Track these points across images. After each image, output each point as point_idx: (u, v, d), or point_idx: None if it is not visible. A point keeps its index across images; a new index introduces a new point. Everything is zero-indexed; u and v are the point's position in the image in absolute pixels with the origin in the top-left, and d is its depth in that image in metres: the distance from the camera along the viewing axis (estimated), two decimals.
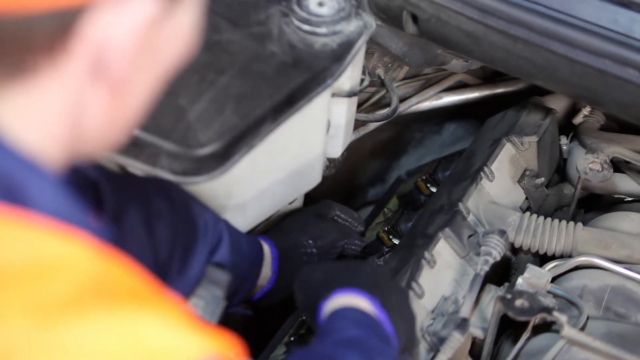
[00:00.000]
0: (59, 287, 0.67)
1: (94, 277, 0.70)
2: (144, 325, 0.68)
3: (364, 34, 1.38)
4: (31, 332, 0.64)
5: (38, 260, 0.68)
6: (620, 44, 1.29)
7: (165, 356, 0.67)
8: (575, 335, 1.33)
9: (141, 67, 0.77)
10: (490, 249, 1.44)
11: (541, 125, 1.75)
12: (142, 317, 0.69)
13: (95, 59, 0.73)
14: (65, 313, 0.65)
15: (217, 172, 1.23)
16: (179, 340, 0.69)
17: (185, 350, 0.68)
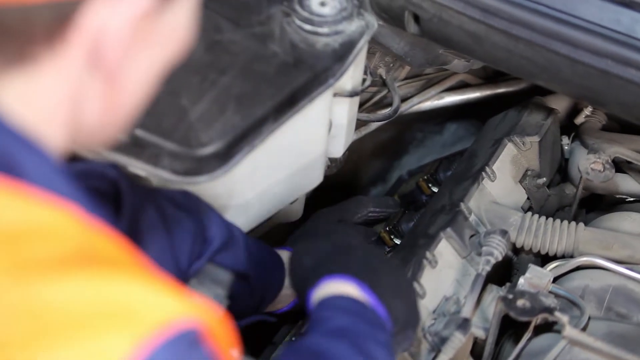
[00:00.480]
0: (42, 250, 0.69)
1: (78, 244, 0.72)
2: (123, 287, 0.69)
3: (366, 33, 1.38)
4: (10, 287, 0.66)
5: (25, 225, 0.70)
6: (622, 44, 1.29)
7: (142, 313, 0.68)
8: (576, 335, 1.33)
9: (137, 60, 0.79)
10: (492, 249, 1.44)
11: (543, 125, 1.75)
12: (122, 280, 0.70)
13: (92, 50, 0.74)
14: (45, 273, 0.67)
15: (218, 172, 1.23)
16: (157, 301, 0.69)
17: (163, 309, 0.69)
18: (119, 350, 0.65)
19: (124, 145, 1.22)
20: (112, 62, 0.75)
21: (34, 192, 0.72)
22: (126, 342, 0.65)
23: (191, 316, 0.70)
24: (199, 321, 0.70)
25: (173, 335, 0.67)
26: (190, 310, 0.70)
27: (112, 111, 0.81)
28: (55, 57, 0.74)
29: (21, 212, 0.71)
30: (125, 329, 0.66)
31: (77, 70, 0.75)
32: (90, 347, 0.64)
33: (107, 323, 0.66)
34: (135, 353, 0.65)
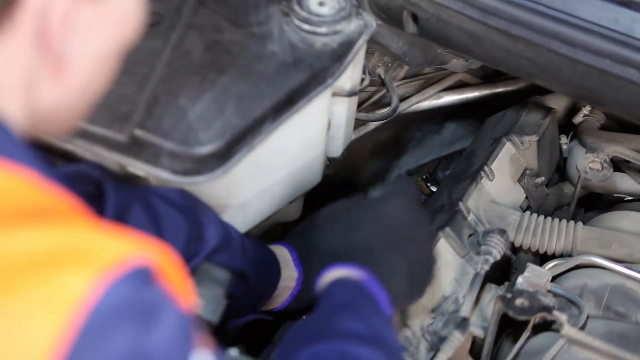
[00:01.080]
0: None
1: (33, 201, 0.74)
2: (75, 233, 0.72)
3: (365, 33, 1.38)
4: None
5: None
6: (621, 44, 1.29)
7: (95, 253, 0.70)
8: (575, 334, 1.33)
9: (84, 43, 0.81)
10: (491, 248, 1.44)
11: (541, 125, 1.75)
12: (74, 228, 0.72)
13: (37, 29, 0.77)
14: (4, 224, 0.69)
15: (217, 172, 1.23)
16: (109, 242, 0.72)
17: (115, 248, 0.71)
18: (76, 287, 0.67)
19: (123, 145, 1.22)
20: (56, 42, 0.78)
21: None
22: (83, 280, 0.67)
23: (144, 255, 0.72)
24: (151, 260, 0.72)
25: (127, 271, 0.69)
26: (142, 249, 0.72)
27: (64, 95, 0.84)
28: (4, 37, 0.76)
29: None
30: (81, 268, 0.68)
31: (26, 50, 0.78)
32: (48, 288, 0.66)
33: (62, 264, 0.68)
34: (92, 289, 0.67)
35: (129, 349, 0.67)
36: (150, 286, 0.72)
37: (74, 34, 0.80)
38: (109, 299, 0.67)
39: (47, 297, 0.66)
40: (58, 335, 0.65)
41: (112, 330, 0.67)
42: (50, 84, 0.82)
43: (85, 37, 0.81)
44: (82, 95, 0.86)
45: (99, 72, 0.86)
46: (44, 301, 0.66)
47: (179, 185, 1.28)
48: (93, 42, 0.83)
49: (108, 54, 0.86)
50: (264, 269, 1.43)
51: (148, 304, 0.70)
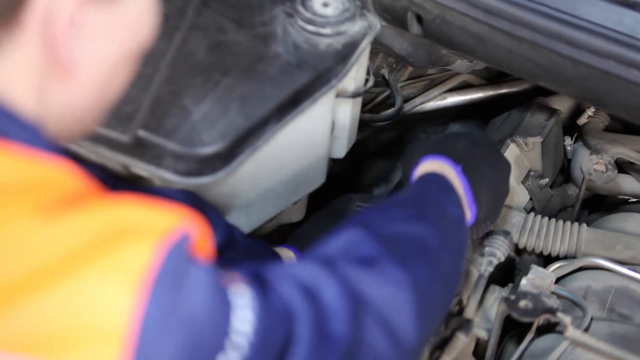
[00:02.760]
0: (51, 195, 0.77)
1: (75, 188, 0.80)
2: (125, 211, 0.78)
3: (369, 34, 1.38)
4: (36, 228, 0.74)
5: (29, 179, 0.78)
6: (625, 45, 1.29)
7: (149, 226, 0.76)
8: (579, 336, 1.33)
9: (92, 48, 0.82)
10: (495, 250, 1.44)
11: (545, 126, 1.75)
12: (122, 207, 0.78)
13: (44, 33, 0.77)
14: (61, 211, 0.75)
15: (221, 173, 1.23)
16: (156, 215, 0.78)
17: (163, 221, 0.77)
18: (142, 256, 0.73)
19: (126, 145, 1.22)
20: (63, 47, 0.79)
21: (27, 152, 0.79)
22: (146, 250, 0.74)
23: (182, 223, 0.78)
24: (188, 227, 0.78)
25: (176, 240, 0.76)
26: (180, 219, 0.78)
27: (75, 99, 0.84)
28: (15, 42, 0.77)
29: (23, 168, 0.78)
30: (141, 240, 0.74)
31: (35, 54, 0.79)
32: (119, 260, 0.73)
33: (125, 239, 0.74)
34: (154, 258, 0.73)
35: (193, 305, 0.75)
36: (192, 252, 0.78)
37: (80, 38, 0.80)
38: (169, 265, 0.74)
39: (117, 268, 0.73)
40: (132, 302, 0.71)
41: (177, 292, 0.74)
42: (59, 89, 0.82)
43: (93, 41, 0.81)
44: (95, 100, 0.87)
45: (112, 77, 0.86)
46: (115, 272, 0.72)
47: (183, 186, 1.28)
48: (102, 47, 0.83)
49: (120, 58, 0.86)
50: None
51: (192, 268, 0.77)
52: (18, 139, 0.79)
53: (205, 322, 0.76)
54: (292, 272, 0.92)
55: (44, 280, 0.71)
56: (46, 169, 0.79)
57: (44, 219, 0.74)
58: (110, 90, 0.88)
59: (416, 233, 1.08)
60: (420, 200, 1.17)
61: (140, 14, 0.86)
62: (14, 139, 0.78)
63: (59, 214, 0.74)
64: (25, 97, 0.80)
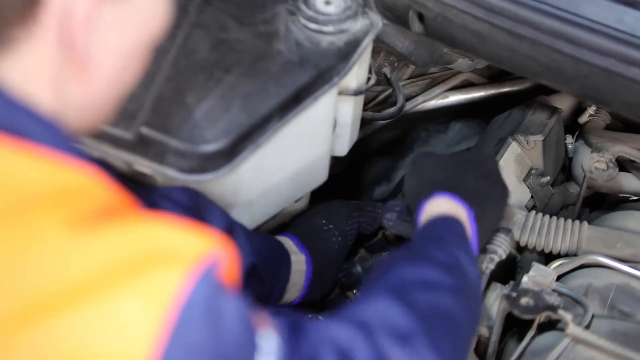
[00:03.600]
0: (82, 207, 0.76)
1: (105, 200, 0.80)
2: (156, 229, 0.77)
3: (371, 32, 1.38)
4: (69, 244, 0.73)
5: (59, 187, 0.77)
6: (626, 44, 1.29)
7: (179, 252, 0.75)
8: (580, 333, 1.33)
9: (107, 41, 0.82)
10: (496, 248, 1.44)
11: (547, 124, 1.75)
12: (152, 224, 0.77)
13: (61, 29, 0.77)
14: (93, 226, 0.74)
15: (223, 170, 1.24)
16: (186, 239, 0.77)
17: (194, 246, 0.76)
18: (170, 284, 0.72)
19: (129, 142, 1.22)
20: (79, 42, 0.78)
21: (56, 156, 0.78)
22: (176, 277, 0.73)
23: (214, 249, 0.77)
24: (219, 253, 0.77)
25: (206, 267, 0.75)
26: (211, 244, 0.77)
27: (91, 93, 0.84)
28: (32, 38, 0.77)
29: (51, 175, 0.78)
30: (172, 266, 0.73)
31: (52, 50, 0.79)
32: (147, 286, 0.72)
33: (154, 263, 0.73)
34: (183, 286, 0.72)
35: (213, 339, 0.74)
36: (221, 279, 0.77)
37: (97, 33, 0.80)
38: (197, 295, 0.73)
39: (144, 294, 0.71)
40: (157, 329, 0.71)
41: (203, 324, 0.74)
42: (76, 84, 0.82)
43: (108, 36, 0.81)
44: (109, 94, 0.87)
45: (125, 70, 0.86)
46: (142, 298, 0.71)
47: (185, 183, 1.29)
48: (117, 41, 0.83)
49: (133, 51, 0.86)
50: (272, 257, 1.44)
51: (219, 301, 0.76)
52: (41, 140, 0.78)
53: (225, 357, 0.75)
54: (329, 331, 0.90)
55: (72, 299, 0.70)
56: (76, 176, 0.79)
57: (75, 233, 0.73)
58: (123, 82, 0.88)
59: (446, 306, 1.05)
60: (443, 255, 1.14)
61: (154, 6, 0.86)
62: (36, 139, 0.78)
63: (91, 229, 0.74)
64: (43, 93, 0.80)
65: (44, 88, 0.80)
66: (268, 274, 1.43)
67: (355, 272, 1.63)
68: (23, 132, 0.78)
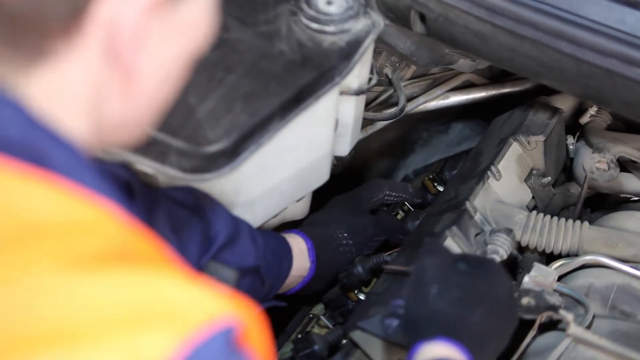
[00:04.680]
0: (87, 245, 0.71)
1: (118, 241, 0.74)
2: (163, 285, 0.70)
3: (372, 32, 1.38)
4: (60, 282, 0.67)
5: (67, 220, 0.72)
6: (627, 44, 1.29)
7: (183, 312, 0.68)
8: (581, 333, 1.33)
9: (154, 54, 0.78)
10: (497, 248, 1.45)
11: (548, 125, 1.75)
12: (162, 278, 0.71)
13: (107, 42, 0.74)
14: (92, 267, 0.69)
15: (225, 170, 1.24)
16: (197, 298, 0.70)
17: (203, 308, 0.69)
18: (161, 348, 0.65)
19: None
20: (126, 55, 0.75)
21: (69, 186, 0.74)
22: (168, 341, 0.66)
23: (230, 314, 0.70)
24: (237, 319, 0.71)
25: (212, 334, 0.68)
26: (228, 307, 0.71)
27: (133, 107, 0.81)
28: (73, 51, 0.74)
29: (59, 206, 0.73)
30: (167, 328, 0.67)
31: (95, 63, 0.75)
32: (133, 344, 0.65)
33: (150, 321, 0.67)
34: (177, 352, 0.66)
35: None
36: (235, 351, 0.70)
37: (144, 46, 0.76)
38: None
39: (126, 355, 0.65)
40: None
41: None
42: (119, 98, 0.79)
43: (155, 48, 0.78)
44: (150, 108, 0.83)
45: (169, 83, 0.83)
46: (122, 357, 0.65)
47: (187, 183, 1.29)
48: (164, 53, 0.80)
49: (177, 64, 0.83)
50: (276, 259, 1.45)
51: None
52: (58, 168, 0.74)
53: None
54: None
55: (49, 341, 0.65)
56: (89, 210, 0.74)
57: (71, 272, 0.68)
58: (165, 95, 0.84)
59: None
60: None
61: (199, 18, 0.83)
62: (57, 169, 0.74)
63: (92, 269, 0.69)
64: (78, 111, 0.77)
65: (78, 106, 0.77)
66: (269, 274, 1.43)
67: (355, 272, 1.63)
68: (40, 156, 0.74)
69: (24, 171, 0.72)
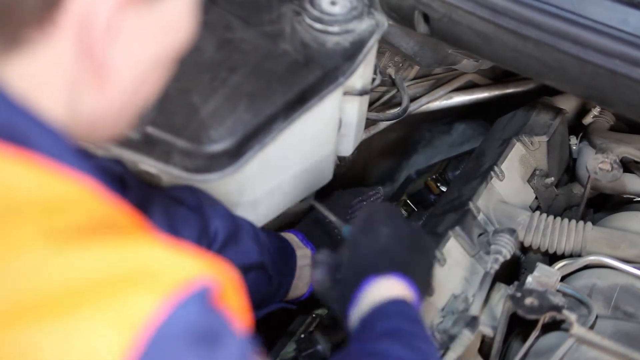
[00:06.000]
0: (70, 219, 0.73)
1: (98, 213, 0.76)
2: (142, 251, 0.73)
3: (376, 33, 1.38)
4: (46, 256, 0.69)
5: (49, 197, 0.74)
6: (630, 45, 1.30)
7: (162, 274, 0.71)
8: (584, 333, 1.33)
9: (129, 51, 0.79)
10: (501, 248, 1.45)
11: (551, 125, 1.75)
12: (140, 245, 0.73)
13: (80, 35, 0.75)
14: (75, 240, 0.71)
15: (229, 170, 1.24)
16: (174, 261, 0.73)
17: (181, 268, 0.72)
18: (142, 308, 0.68)
19: (135, 142, 1.23)
20: (99, 50, 0.76)
21: (50, 164, 0.75)
22: (150, 301, 0.68)
23: (207, 274, 0.73)
24: (214, 279, 0.73)
25: (192, 292, 0.70)
26: (205, 268, 0.73)
27: (108, 103, 0.82)
28: (48, 41, 0.75)
29: (41, 184, 0.74)
30: (147, 289, 0.69)
31: (69, 55, 0.76)
32: (115, 307, 0.68)
33: (130, 284, 0.69)
34: (159, 310, 0.68)
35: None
36: (213, 309, 0.72)
37: (117, 42, 0.77)
38: (174, 321, 0.69)
39: (113, 316, 0.67)
40: (122, 355, 0.66)
41: (175, 354, 0.69)
42: (92, 92, 0.80)
43: (130, 45, 0.78)
44: (125, 106, 0.84)
45: (147, 80, 0.84)
46: (110, 320, 0.67)
47: (191, 183, 1.29)
48: (139, 50, 0.80)
49: (156, 61, 0.83)
50: (278, 254, 1.45)
51: (211, 329, 0.71)
52: (39, 148, 0.75)
53: None
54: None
55: (36, 312, 0.67)
56: (70, 187, 0.75)
57: (55, 245, 0.70)
58: (142, 95, 0.85)
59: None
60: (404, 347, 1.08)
61: (178, 16, 0.83)
62: (37, 149, 0.75)
63: (74, 242, 0.71)
64: (54, 101, 0.78)
65: (55, 95, 0.78)
66: (274, 270, 1.44)
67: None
68: (22, 138, 0.75)
69: (6, 151, 0.73)
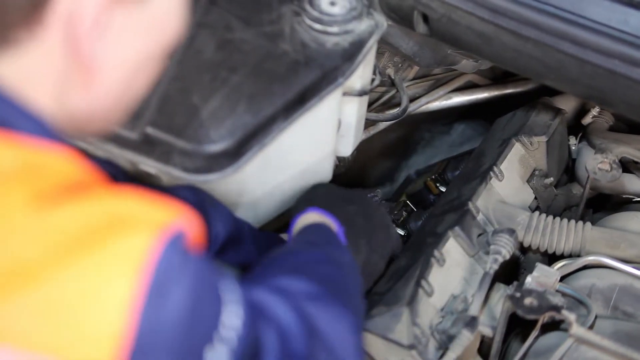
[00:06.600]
0: (50, 182, 0.76)
1: (74, 176, 0.80)
2: (124, 203, 0.78)
3: (375, 33, 1.38)
4: (32, 215, 0.73)
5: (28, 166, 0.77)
6: (630, 45, 1.30)
7: (147, 219, 0.76)
8: (583, 333, 1.33)
9: (116, 49, 0.81)
10: (500, 248, 1.45)
11: (550, 126, 1.76)
12: (121, 199, 0.78)
13: (67, 34, 0.77)
14: (58, 200, 0.74)
15: (229, 170, 1.24)
16: (154, 209, 0.78)
17: (161, 214, 0.78)
18: (142, 246, 0.73)
19: (135, 142, 1.23)
20: (86, 47, 0.78)
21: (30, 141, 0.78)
22: (145, 240, 0.74)
23: (179, 219, 0.78)
24: (184, 222, 0.79)
25: (173, 234, 0.76)
26: (177, 214, 0.78)
27: (96, 98, 0.83)
28: (36, 40, 0.77)
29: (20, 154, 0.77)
30: (140, 230, 0.74)
31: (57, 53, 0.78)
32: (117, 248, 0.73)
33: (123, 228, 0.74)
34: (152, 250, 0.73)
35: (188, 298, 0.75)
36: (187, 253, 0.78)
37: (105, 39, 0.78)
38: (167, 256, 0.74)
39: (117, 256, 0.72)
40: (132, 290, 0.71)
41: (175, 283, 0.75)
42: (81, 88, 0.81)
43: (117, 42, 0.80)
44: (117, 100, 0.85)
45: (135, 77, 0.85)
46: (115, 260, 0.72)
47: (190, 183, 1.29)
48: (127, 48, 0.82)
49: (144, 58, 0.85)
50: None
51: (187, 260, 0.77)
52: (22, 129, 0.78)
53: (197, 315, 0.77)
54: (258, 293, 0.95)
55: (37, 271, 0.70)
56: (47, 156, 0.78)
57: (40, 208, 0.73)
58: (131, 91, 0.86)
59: (338, 276, 1.15)
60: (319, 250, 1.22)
61: (166, 14, 0.84)
62: (17, 129, 0.78)
63: (56, 203, 0.74)
64: (43, 97, 0.79)
65: (44, 92, 0.79)
66: None
67: None
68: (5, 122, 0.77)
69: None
